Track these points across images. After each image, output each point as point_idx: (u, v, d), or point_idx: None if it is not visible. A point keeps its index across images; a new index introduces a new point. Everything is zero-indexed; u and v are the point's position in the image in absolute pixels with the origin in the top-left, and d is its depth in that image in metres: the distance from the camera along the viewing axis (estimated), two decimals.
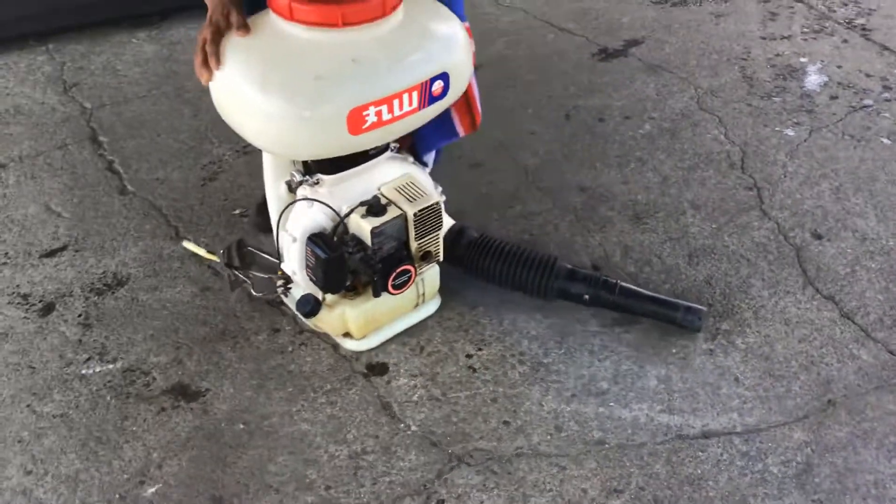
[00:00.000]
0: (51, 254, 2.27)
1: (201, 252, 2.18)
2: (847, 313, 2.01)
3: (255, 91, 1.60)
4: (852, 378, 1.86)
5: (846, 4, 3.36)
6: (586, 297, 1.98)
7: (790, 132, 2.63)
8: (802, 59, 3.00)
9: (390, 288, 1.82)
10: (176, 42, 3.22)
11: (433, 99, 1.71)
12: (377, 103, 1.61)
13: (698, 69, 2.97)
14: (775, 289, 2.08)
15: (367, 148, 1.75)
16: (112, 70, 3.10)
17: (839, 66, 2.95)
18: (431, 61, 1.67)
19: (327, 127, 1.61)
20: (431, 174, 1.96)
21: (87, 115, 2.86)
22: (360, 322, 1.91)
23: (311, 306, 1.85)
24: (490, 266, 2.02)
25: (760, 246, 2.21)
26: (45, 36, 3.26)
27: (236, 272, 1.99)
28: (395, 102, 1.64)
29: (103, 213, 2.40)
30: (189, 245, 2.21)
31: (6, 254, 2.27)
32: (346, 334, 1.95)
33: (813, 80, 2.89)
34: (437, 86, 1.69)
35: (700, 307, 1.95)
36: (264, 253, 1.99)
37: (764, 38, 3.15)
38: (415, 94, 1.66)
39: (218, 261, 2.09)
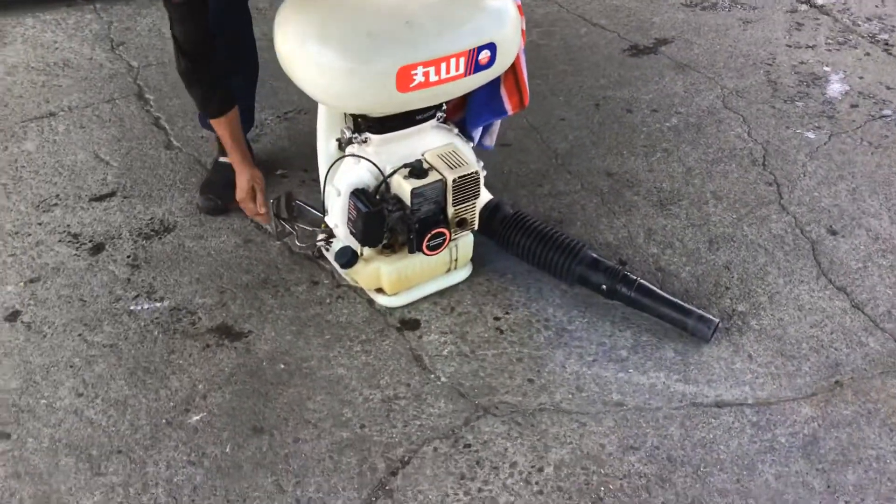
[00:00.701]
0: (100, 198, 2.37)
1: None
2: (858, 304, 2.12)
3: (314, 43, 1.73)
4: (860, 363, 1.97)
5: (870, 20, 3.47)
6: (604, 287, 2.03)
7: (811, 135, 2.74)
8: (826, 68, 3.11)
9: (424, 248, 1.93)
10: None
11: (479, 67, 1.81)
12: (425, 64, 1.73)
13: (725, 70, 3.08)
14: (790, 277, 2.19)
15: (414, 107, 1.86)
16: (157, 32, 3.20)
17: (861, 77, 3.06)
18: (480, 31, 1.78)
19: (377, 82, 1.72)
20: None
21: (134, 72, 2.96)
22: (393, 279, 2.01)
23: (348, 258, 1.96)
24: (520, 242, 2.10)
25: (778, 237, 2.32)
26: None
27: (283, 223, 2.09)
28: (443, 66, 1.75)
29: (150, 165, 2.51)
30: None
31: (57, 195, 2.38)
32: (379, 290, 2.06)
33: (835, 88, 3.00)
34: (484, 55, 1.80)
35: (713, 318, 1.96)
36: (311, 207, 2.09)
37: (789, 46, 3.26)
38: (462, 60, 1.77)
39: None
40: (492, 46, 1.78)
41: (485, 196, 2.16)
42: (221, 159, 2.33)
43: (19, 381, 1.85)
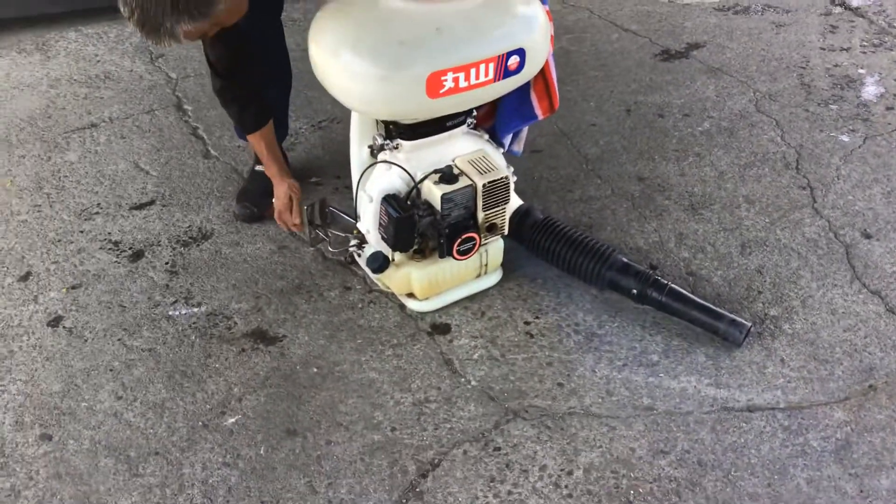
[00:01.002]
0: (140, 207, 2.44)
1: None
2: (892, 308, 2.09)
3: (346, 51, 1.77)
4: (894, 367, 1.94)
5: None
6: (634, 291, 2.03)
7: (845, 138, 2.71)
8: (860, 71, 3.08)
9: (455, 253, 1.95)
10: None
11: (509, 73, 1.84)
12: (455, 70, 1.75)
13: (758, 74, 3.06)
14: (823, 281, 2.17)
15: (445, 113, 1.89)
16: (196, 44, 3.25)
17: None
18: (509, 36, 1.81)
19: (407, 88, 1.76)
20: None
21: (173, 84, 3.03)
22: (424, 283, 2.04)
23: (379, 263, 1.99)
24: (550, 247, 2.11)
25: (811, 241, 2.30)
26: None
27: (317, 229, 2.13)
28: (473, 71, 1.78)
29: (188, 174, 2.57)
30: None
31: (98, 204, 2.45)
32: (410, 295, 2.09)
33: (870, 90, 2.96)
34: (514, 60, 1.82)
35: (745, 322, 1.95)
36: (344, 214, 2.13)
37: (823, 49, 3.23)
38: (491, 66, 1.79)
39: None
40: (521, 52, 1.80)
41: (515, 202, 2.19)
42: (257, 168, 2.38)
43: (61, 385, 1.90)
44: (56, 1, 3.38)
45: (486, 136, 2.07)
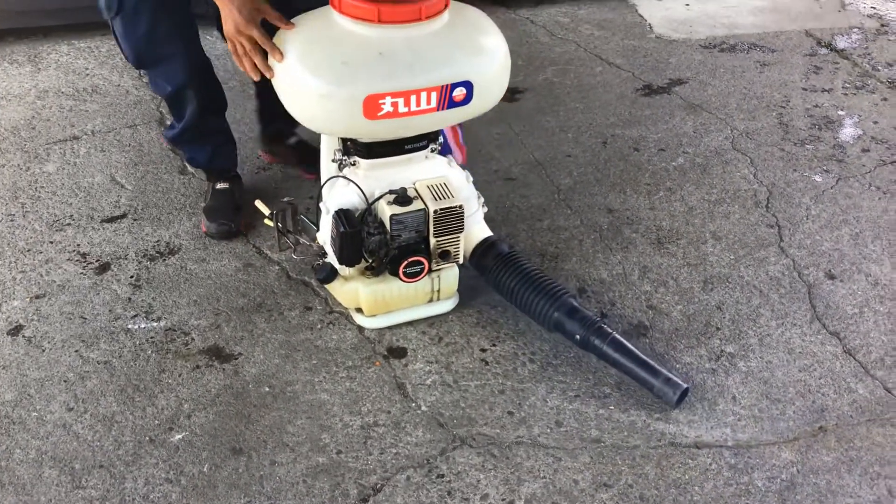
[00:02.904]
0: (111, 220, 2.46)
1: (265, 212, 2.26)
2: (850, 350, 2.09)
3: (295, 64, 1.82)
4: (846, 409, 1.94)
5: (891, 65, 3.45)
6: (577, 336, 1.97)
7: (818, 178, 2.72)
8: (840, 112, 3.10)
9: (401, 275, 1.96)
10: None
11: (454, 103, 1.85)
12: (394, 95, 1.78)
13: (737, 112, 3.08)
14: (783, 320, 2.17)
15: (384, 137, 1.91)
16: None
17: (875, 122, 3.04)
18: (455, 67, 1.83)
19: (345, 107, 1.79)
20: None
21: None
22: (371, 301, 2.05)
23: (326, 273, 2.01)
24: (504, 282, 2.06)
25: (774, 280, 2.30)
26: None
27: (285, 234, 2.14)
28: (413, 98, 1.80)
29: (163, 189, 2.59)
30: (259, 204, 2.29)
31: (71, 216, 2.47)
32: (359, 310, 2.10)
33: (847, 132, 2.98)
34: (459, 92, 1.84)
35: (681, 382, 1.88)
36: (314, 224, 2.13)
37: (805, 90, 3.25)
38: (434, 95, 1.81)
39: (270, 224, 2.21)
40: (467, 84, 1.82)
41: (483, 232, 2.17)
42: (219, 186, 2.41)
43: (14, 394, 1.91)
44: (50, 14, 3.43)
45: (454, 164, 2.09)
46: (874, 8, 4.01)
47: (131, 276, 2.25)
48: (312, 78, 1.79)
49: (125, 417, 1.87)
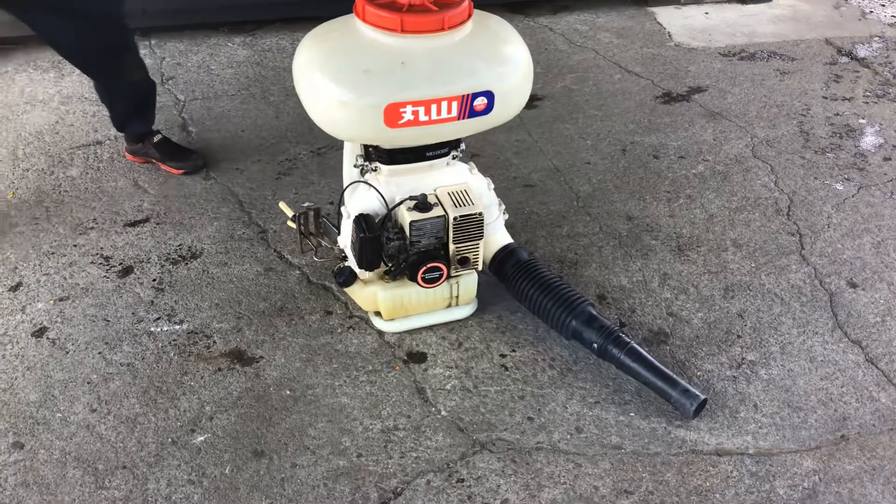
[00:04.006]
0: (134, 224, 2.48)
1: (289, 214, 2.27)
2: (872, 358, 2.08)
3: (315, 72, 1.84)
4: (868, 418, 1.93)
5: None
6: (595, 345, 1.97)
7: (839, 186, 2.71)
8: (861, 121, 3.08)
9: (420, 280, 1.97)
10: (267, 49, 3.46)
11: (475, 113, 1.86)
12: (415, 104, 1.79)
13: (757, 120, 3.08)
14: (804, 328, 2.16)
15: (405, 144, 1.92)
16: (206, 69, 3.35)
17: None
18: (476, 77, 1.83)
19: (366, 115, 1.80)
20: None
21: (180, 106, 3.10)
22: (389, 305, 2.07)
23: (345, 277, 2.03)
24: (524, 289, 2.07)
25: (796, 288, 2.29)
26: (149, 32, 3.55)
27: (308, 236, 2.16)
28: (434, 107, 1.81)
29: (185, 194, 2.62)
30: (283, 206, 2.30)
31: (94, 219, 2.50)
32: (378, 313, 2.12)
33: (869, 140, 2.96)
34: (480, 101, 1.85)
35: (699, 394, 1.87)
36: (336, 227, 2.15)
37: (826, 98, 3.24)
38: (454, 104, 1.82)
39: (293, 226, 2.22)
40: (488, 94, 1.83)
41: (503, 239, 2.18)
42: (156, 139, 2.72)
43: (39, 395, 1.94)
44: None
45: (476, 170, 2.09)
46: (895, 17, 3.99)
47: (154, 280, 2.27)
48: (334, 85, 1.81)
49: (148, 419, 1.89)
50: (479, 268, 2.06)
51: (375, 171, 1.97)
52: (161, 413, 1.90)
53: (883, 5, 4.12)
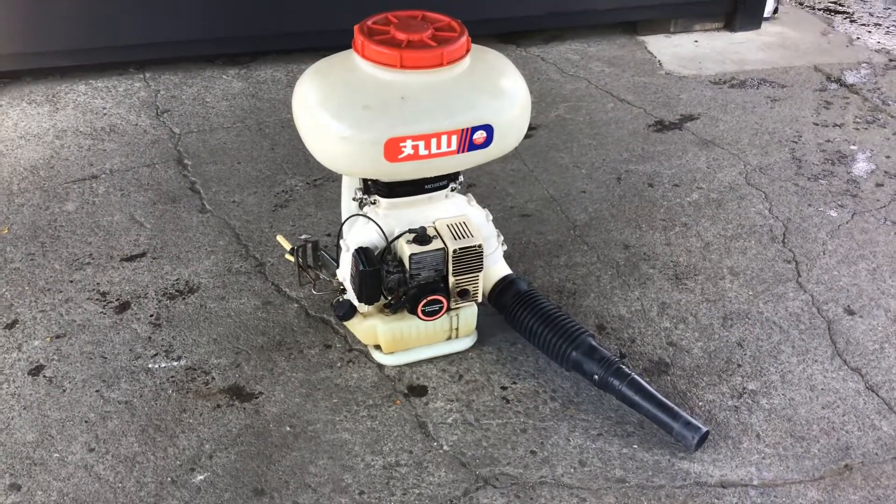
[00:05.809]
0: (131, 258, 2.47)
1: (286, 247, 2.27)
2: (872, 386, 2.08)
3: (316, 108, 1.86)
4: (871, 447, 1.93)
5: None
6: (596, 377, 1.97)
7: (833, 213, 2.73)
8: (852, 147, 3.11)
9: (420, 313, 1.97)
10: (262, 81, 3.48)
11: (474, 146, 1.87)
12: (415, 138, 1.80)
13: (749, 147, 3.10)
14: (804, 356, 2.17)
15: (405, 178, 1.93)
16: (201, 101, 3.35)
17: (888, 157, 3.05)
18: (475, 111, 1.85)
19: (366, 150, 1.81)
20: None
21: (176, 139, 3.10)
22: (389, 338, 2.06)
23: (345, 310, 2.02)
24: (523, 320, 2.07)
25: (794, 316, 2.30)
26: (143, 65, 3.55)
27: (306, 269, 2.15)
28: (433, 141, 1.82)
29: (182, 228, 2.61)
30: (281, 239, 2.29)
31: (90, 255, 2.48)
32: (378, 347, 2.11)
33: (861, 166, 2.99)
34: (479, 135, 1.86)
35: (701, 426, 1.86)
36: (335, 260, 2.14)
37: (816, 125, 3.27)
38: (454, 138, 1.83)
39: (291, 259, 2.21)
40: (487, 128, 1.84)
41: (503, 270, 2.18)
42: None
43: (35, 435, 1.91)
44: (67, 54, 3.48)
45: (475, 202, 2.10)
46: (880, 43, 4.05)
47: (151, 315, 2.26)
48: (334, 121, 1.82)
49: (147, 458, 1.87)
50: (479, 300, 2.06)
51: (374, 203, 1.98)
52: (160, 452, 1.88)
53: (869, 32, 4.18)
